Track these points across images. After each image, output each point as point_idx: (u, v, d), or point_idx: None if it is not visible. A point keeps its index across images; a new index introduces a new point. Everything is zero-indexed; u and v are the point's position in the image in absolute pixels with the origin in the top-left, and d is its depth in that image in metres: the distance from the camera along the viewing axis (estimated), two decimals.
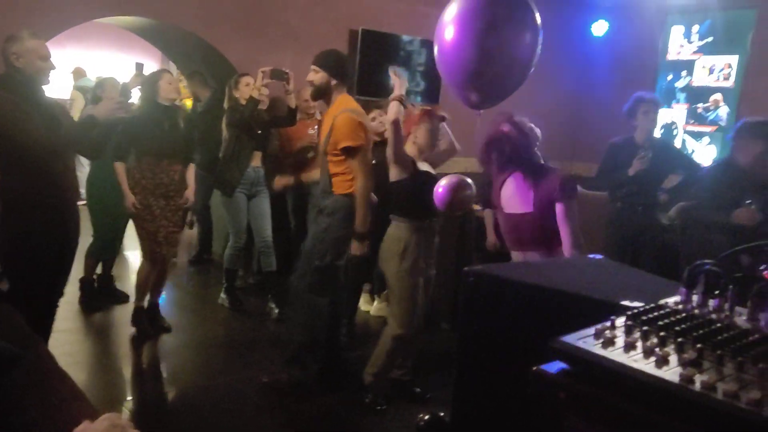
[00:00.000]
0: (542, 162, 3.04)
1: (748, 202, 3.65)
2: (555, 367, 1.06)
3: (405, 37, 6.26)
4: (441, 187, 3.07)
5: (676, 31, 7.00)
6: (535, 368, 1.06)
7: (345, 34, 6.03)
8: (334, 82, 3.35)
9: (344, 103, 3.39)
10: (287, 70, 4.60)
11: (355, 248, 3.40)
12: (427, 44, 6.32)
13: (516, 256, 3.01)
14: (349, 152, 3.31)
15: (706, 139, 6.80)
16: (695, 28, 6.84)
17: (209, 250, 6.27)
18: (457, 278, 4.68)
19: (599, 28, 7.15)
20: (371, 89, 6.07)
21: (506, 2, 2.27)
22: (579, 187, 3.60)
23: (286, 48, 5.61)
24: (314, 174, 4.18)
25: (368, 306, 5.07)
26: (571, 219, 2.78)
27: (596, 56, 7.11)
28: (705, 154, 6.80)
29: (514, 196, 2.96)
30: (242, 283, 5.32)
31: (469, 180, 3.09)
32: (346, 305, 4.04)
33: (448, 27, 2.37)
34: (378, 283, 4.94)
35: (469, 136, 6.06)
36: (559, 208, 2.80)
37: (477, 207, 4.61)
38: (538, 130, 3.41)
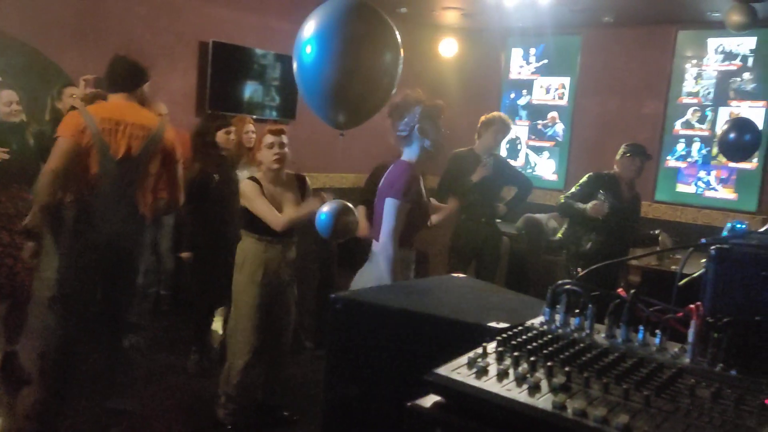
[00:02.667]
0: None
1: (600, 194, 4.21)
2: (430, 401, 1.02)
3: (258, 51, 6.13)
4: (323, 213, 2.94)
5: (516, 53, 7.52)
6: (410, 404, 1.02)
7: (194, 47, 5.77)
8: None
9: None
10: None
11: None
12: (282, 58, 6.22)
13: (374, 245, 2.95)
14: None
15: (546, 154, 7.34)
16: (532, 50, 7.39)
17: None
18: (319, 295, 4.64)
19: (447, 48, 7.47)
20: (224, 104, 5.87)
21: (366, 20, 2.25)
22: (433, 201, 3.71)
23: None
24: None
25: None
26: (394, 216, 2.70)
27: (445, 75, 7.42)
28: (545, 167, 7.33)
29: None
30: None
31: (351, 205, 2.99)
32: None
33: (307, 44, 2.30)
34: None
35: (329, 152, 6.02)
36: (387, 202, 2.72)
37: None
38: None
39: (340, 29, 2.21)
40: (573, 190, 4.42)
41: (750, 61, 6.15)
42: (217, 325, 4.81)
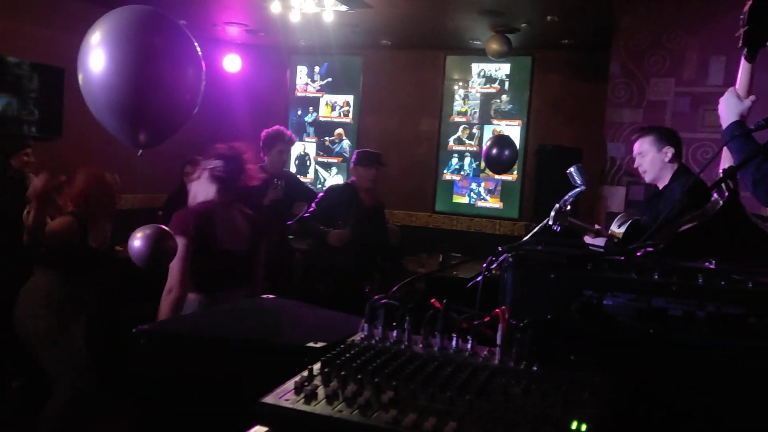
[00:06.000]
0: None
1: (340, 223, 4.16)
2: None
3: (11, 59, 5.40)
4: (137, 239, 2.60)
5: (301, 71, 7.63)
6: None
7: None
8: None
9: None
10: None
11: None
12: (41, 68, 5.57)
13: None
14: None
15: (334, 169, 7.53)
16: (317, 68, 7.56)
17: None
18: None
19: (231, 63, 7.32)
20: None
21: (162, 31, 2.08)
22: None
23: None
24: None
25: None
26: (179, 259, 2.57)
27: (231, 91, 7.26)
28: (334, 182, 7.51)
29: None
30: None
31: (168, 229, 2.69)
32: None
33: (98, 55, 2.04)
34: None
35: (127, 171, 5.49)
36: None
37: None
38: None
39: (137, 39, 2.01)
40: (313, 206, 4.38)
41: (506, 85, 6.96)
42: None
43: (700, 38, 4.60)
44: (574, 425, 0.95)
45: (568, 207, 2.65)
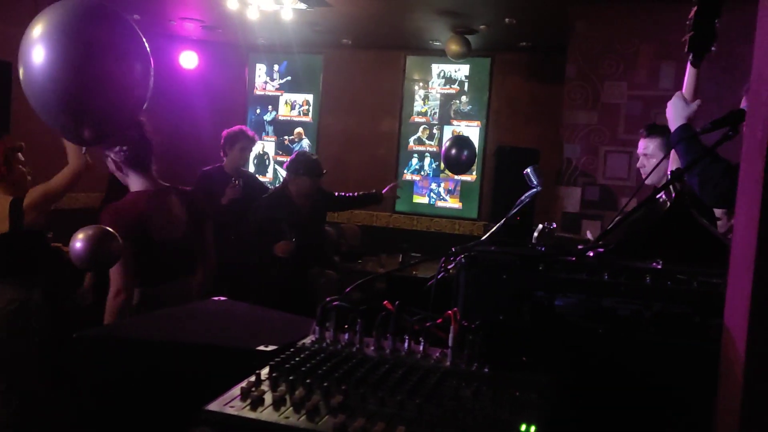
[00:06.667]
0: None
1: (286, 235, 3.98)
2: None
3: None
4: (78, 241, 2.49)
5: (260, 69, 7.55)
6: None
7: None
8: None
9: None
10: None
11: None
12: None
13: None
14: None
15: None
16: (276, 67, 7.49)
17: None
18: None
19: (188, 60, 7.18)
20: None
21: (106, 24, 2.01)
22: None
23: None
24: None
25: None
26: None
27: (189, 88, 7.12)
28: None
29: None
30: None
31: (112, 230, 2.58)
32: None
33: (40, 49, 1.94)
34: None
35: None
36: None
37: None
38: None
39: (79, 32, 1.94)
40: (247, 221, 4.22)
41: (466, 86, 7.01)
42: None
43: (651, 44, 4.71)
44: (522, 428, 0.95)
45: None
